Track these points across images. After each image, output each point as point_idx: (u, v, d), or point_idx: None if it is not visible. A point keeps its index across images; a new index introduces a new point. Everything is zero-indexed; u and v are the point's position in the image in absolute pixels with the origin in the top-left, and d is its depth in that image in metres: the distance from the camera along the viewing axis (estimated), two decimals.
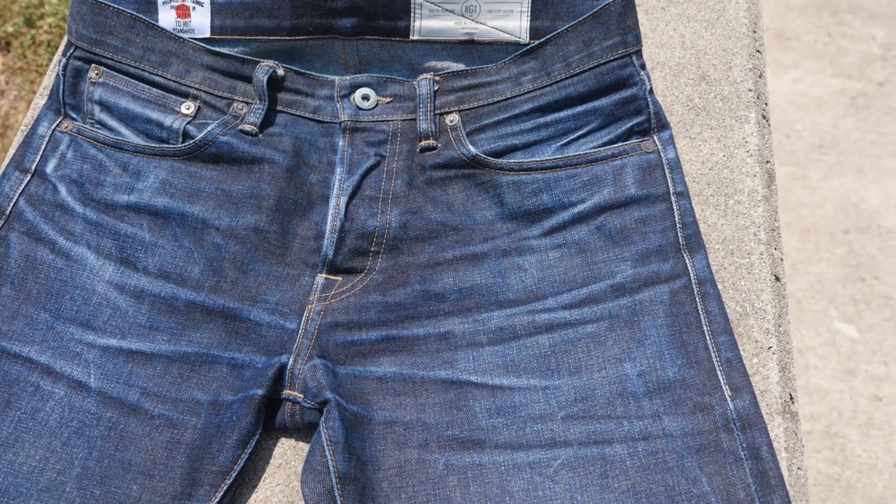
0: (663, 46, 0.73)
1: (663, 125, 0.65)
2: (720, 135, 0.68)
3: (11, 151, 0.74)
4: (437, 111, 0.67)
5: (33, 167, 0.67)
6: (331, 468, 0.53)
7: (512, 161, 0.65)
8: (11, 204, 0.65)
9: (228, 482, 0.55)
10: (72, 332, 0.60)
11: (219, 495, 0.55)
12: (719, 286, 0.62)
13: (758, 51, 0.72)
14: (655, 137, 0.65)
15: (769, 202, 0.65)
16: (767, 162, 0.67)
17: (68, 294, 0.62)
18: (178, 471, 0.56)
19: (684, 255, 0.61)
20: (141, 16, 0.67)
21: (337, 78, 0.68)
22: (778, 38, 1.46)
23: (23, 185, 0.66)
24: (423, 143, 0.66)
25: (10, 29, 1.51)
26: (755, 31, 0.73)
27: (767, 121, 0.69)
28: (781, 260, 0.63)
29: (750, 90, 0.69)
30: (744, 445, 0.55)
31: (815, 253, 1.26)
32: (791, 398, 0.58)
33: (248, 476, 0.57)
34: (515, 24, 0.68)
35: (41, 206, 0.65)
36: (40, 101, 0.75)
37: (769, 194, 0.65)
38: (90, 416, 0.57)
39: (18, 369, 0.59)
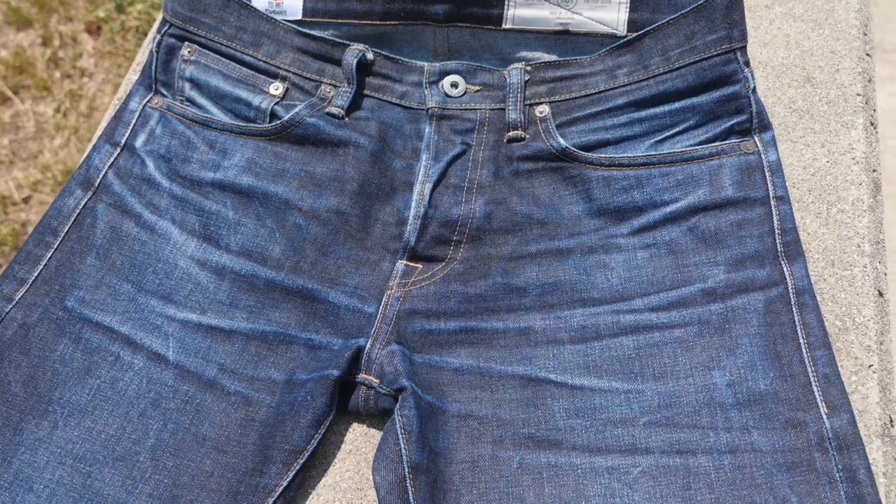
0: (766, 45, 0.70)
1: (765, 126, 0.62)
2: (824, 139, 0.65)
3: (103, 125, 0.75)
4: (527, 102, 0.65)
5: (123, 141, 0.68)
6: (404, 457, 0.52)
7: (603, 156, 0.63)
8: (101, 176, 0.67)
9: (301, 461, 0.54)
10: (153, 304, 0.61)
11: (290, 474, 0.54)
12: (818, 298, 0.59)
13: (867, 54, 0.68)
14: (756, 138, 0.62)
15: (874, 213, 0.62)
16: (874, 170, 0.63)
17: (151, 267, 0.63)
18: (250, 448, 0.56)
19: (782, 262, 0.58)
20: None
21: (426, 64, 0.67)
22: (875, 49, 1.40)
23: (112, 158, 0.67)
24: (510, 133, 0.65)
25: (101, 14, 1.56)
26: (865, 34, 0.69)
27: (875, 128, 0.66)
28: (885, 274, 0.60)
29: (858, 94, 0.66)
30: (839, 467, 0.52)
31: None
32: (891, 420, 0.55)
33: (318, 460, 0.56)
34: (613, 16, 0.66)
35: (129, 179, 0.66)
36: (133, 76, 0.77)
37: (875, 204, 0.62)
38: (167, 389, 0.58)
39: (99, 338, 0.60)
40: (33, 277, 0.62)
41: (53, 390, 0.58)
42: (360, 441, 0.57)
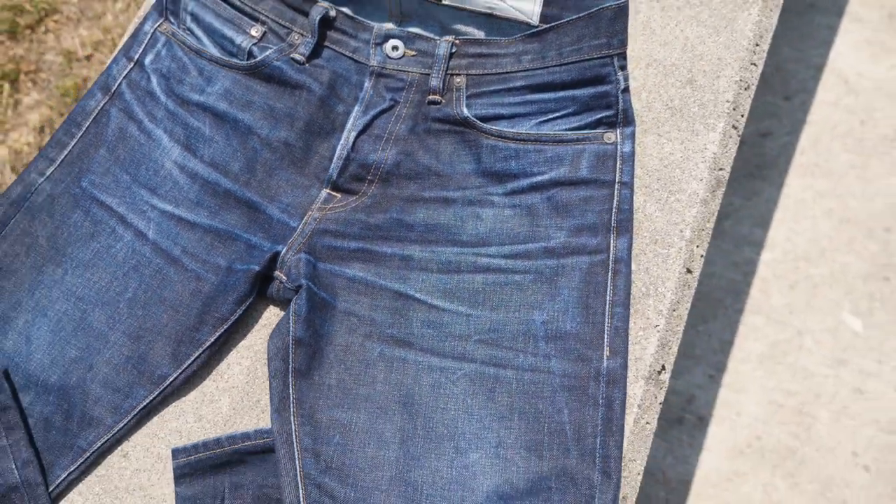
0: (665, 45, 0.84)
1: (629, 121, 0.79)
2: (685, 137, 0.81)
3: (125, 39, 0.96)
4: (449, 72, 0.83)
5: (136, 57, 0.89)
6: (290, 332, 0.76)
7: (493, 128, 0.81)
8: (116, 84, 0.88)
9: (225, 327, 0.79)
10: (142, 193, 0.84)
11: (217, 334, 0.79)
12: (634, 267, 0.78)
13: (753, 63, 0.82)
14: (619, 131, 0.79)
15: (707, 205, 0.78)
16: (721, 169, 0.79)
17: (144, 164, 0.85)
18: (194, 311, 0.80)
19: (611, 235, 0.77)
20: None
21: (376, 26, 0.85)
22: (890, 18, 1.45)
23: (126, 71, 0.89)
24: (430, 97, 0.83)
25: None
26: (758, 45, 0.82)
27: (738, 130, 0.81)
28: (702, 256, 0.77)
29: (728, 101, 0.81)
30: (603, 395, 0.73)
31: (846, 244, 1.33)
32: (663, 368, 0.75)
33: (240, 327, 0.81)
34: (530, 7, 0.82)
35: (136, 90, 0.88)
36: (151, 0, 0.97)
37: (710, 198, 0.79)
38: (145, 259, 0.82)
39: (102, 213, 0.84)
40: (60, 159, 0.86)
41: (67, 247, 0.83)
42: (273, 318, 0.81)
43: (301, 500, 0.71)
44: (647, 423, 0.74)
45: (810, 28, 1.49)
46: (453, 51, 0.83)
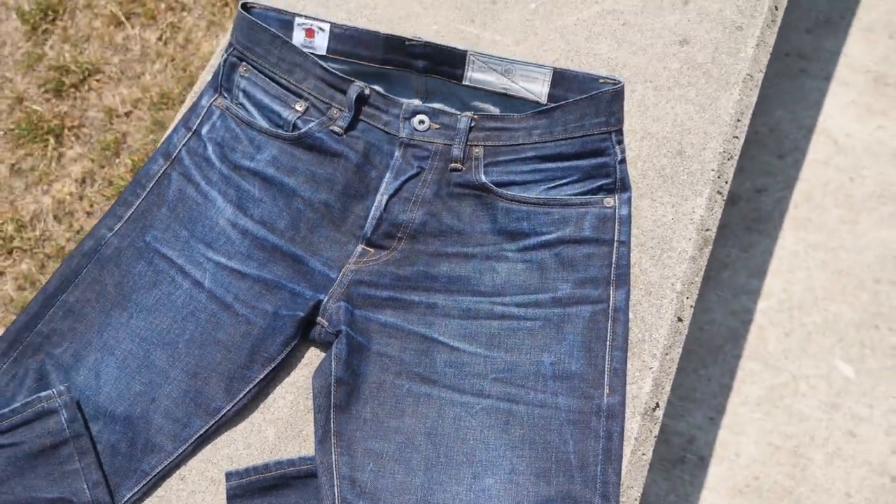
0: (658, 121, 0.98)
1: (625, 188, 0.92)
2: (675, 201, 0.94)
3: (182, 111, 1.11)
4: (469, 143, 0.97)
5: (194, 128, 1.04)
6: (332, 373, 0.88)
7: (508, 193, 0.94)
8: (176, 151, 1.03)
9: (273, 366, 0.92)
10: (199, 247, 0.98)
11: (265, 372, 0.92)
12: (631, 316, 0.90)
13: (736, 137, 0.96)
14: (616, 196, 0.92)
15: (696, 262, 0.91)
16: (707, 230, 0.92)
17: (201, 222, 0.99)
18: (245, 351, 0.93)
19: (611, 287, 0.90)
20: (280, 34, 1.01)
21: (405, 102, 0.99)
22: (875, 82, 1.59)
23: (185, 139, 1.04)
24: (453, 164, 0.97)
25: None
26: (739, 120, 0.96)
27: (722, 196, 0.94)
28: (691, 307, 0.90)
29: (713, 170, 0.94)
30: (603, 428, 0.85)
31: (839, 294, 1.45)
32: (657, 406, 0.87)
33: (285, 366, 0.94)
34: (539, 89, 0.96)
35: (194, 156, 1.03)
36: (207, 76, 1.12)
37: (698, 255, 0.92)
38: (201, 305, 0.96)
39: (164, 264, 0.98)
40: (126, 216, 1.00)
41: (132, 294, 0.97)
42: (313, 358, 0.94)
43: None
44: (643, 454, 0.85)
45: (801, 91, 1.64)
46: (472, 125, 0.97)
